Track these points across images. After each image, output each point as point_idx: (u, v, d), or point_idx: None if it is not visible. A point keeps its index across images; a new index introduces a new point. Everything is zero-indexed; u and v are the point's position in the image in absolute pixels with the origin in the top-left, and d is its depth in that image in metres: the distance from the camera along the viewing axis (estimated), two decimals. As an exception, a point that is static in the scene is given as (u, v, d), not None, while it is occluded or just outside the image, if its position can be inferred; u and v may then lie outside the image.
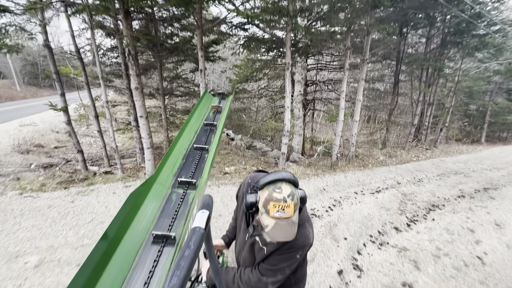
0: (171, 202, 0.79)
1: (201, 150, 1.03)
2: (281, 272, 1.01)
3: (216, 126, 1.20)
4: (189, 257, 0.42)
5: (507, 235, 3.85)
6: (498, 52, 8.62)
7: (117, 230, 0.65)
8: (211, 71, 14.44)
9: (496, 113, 13.01)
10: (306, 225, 1.05)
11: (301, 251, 1.02)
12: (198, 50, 4.69)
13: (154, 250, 0.65)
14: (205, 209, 0.54)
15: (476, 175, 6.86)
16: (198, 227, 0.49)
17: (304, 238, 1.01)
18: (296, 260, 1.02)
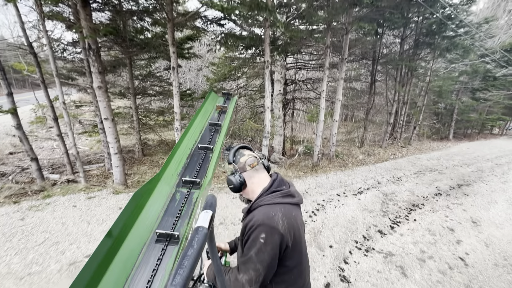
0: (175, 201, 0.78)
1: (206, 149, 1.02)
2: (251, 266, 0.94)
3: (221, 126, 1.18)
4: (192, 256, 0.43)
5: (483, 232, 3.92)
6: (465, 53, 9.07)
7: (121, 228, 0.63)
8: (187, 69, 13.86)
9: (462, 111, 13.80)
10: (274, 208, 1.00)
11: (263, 233, 0.93)
12: (170, 45, 4.29)
13: (157, 249, 0.64)
14: (208, 209, 0.55)
15: (449, 171, 7.12)
16: (202, 227, 0.49)
17: (265, 216, 0.96)
18: (261, 245, 0.93)
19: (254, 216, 0.99)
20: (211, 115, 1.26)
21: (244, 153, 1.13)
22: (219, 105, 1.32)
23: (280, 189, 1.09)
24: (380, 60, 9.34)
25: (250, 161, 1.10)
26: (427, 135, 13.50)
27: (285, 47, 6.14)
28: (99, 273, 0.54)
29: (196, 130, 1.12)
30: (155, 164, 6.94)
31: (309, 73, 12.70)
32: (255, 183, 1.10)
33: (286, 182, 1.16)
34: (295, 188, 1.16)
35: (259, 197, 1.06)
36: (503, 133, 17.50)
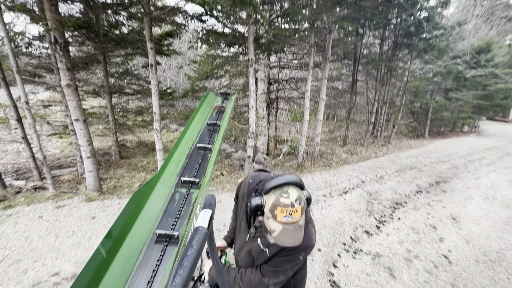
0: (174, 202, 0.77)
1: (204, 149, 1.01)
2: (283, 274, 1.00)
3: (220, 126, 1.17)
4: (192, 257, 0.43)
5: (463, 228, 4.04)
6: (440, 54, 9.47)
7: (120, 229, 0.62)
8: (168, 67, 13.36)
9: (436, 110, 14.48)
10: (309, 226, 1.04)
11: (304, 252, 1.01)
12: (147, 41, 4.01)
13: (157, 249, 0.62)
14: (207, 209, 0.55)
15: (427, 169, 7.38)
16: (201, 227, 0.49)
17: (308, 239, 1.00)
18: (299, 261, 1.02)
19: None
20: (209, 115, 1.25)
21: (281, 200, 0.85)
22: (217, 105, 1.32)
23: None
24: (361, 60, 9.51)
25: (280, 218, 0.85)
26: (405, 134, 14.03)
27: (269, 45, 6.03)
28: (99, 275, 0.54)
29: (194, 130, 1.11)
30: (133, 167, 6.56)
31: (292, 72, 12.72)
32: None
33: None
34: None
35: None
36: (472, 131, 18.62)
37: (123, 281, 0.55)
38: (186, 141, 1.03)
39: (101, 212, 3.71)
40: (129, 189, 4.92)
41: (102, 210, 3.79)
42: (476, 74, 13.77)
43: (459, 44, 12.71)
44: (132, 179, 5.74)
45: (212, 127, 1.15)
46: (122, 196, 4.40)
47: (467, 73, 13.45)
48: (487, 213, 4.68)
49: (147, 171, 6.25)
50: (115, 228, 0.62)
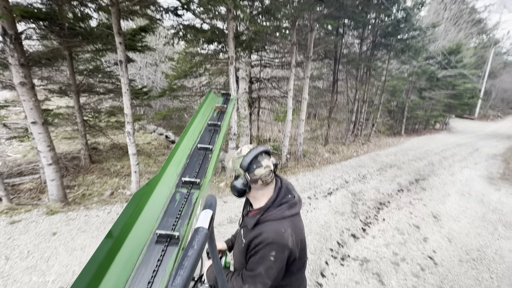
0: (175, 202, 0.75)
1: (205, 150, 1.00)
2: (259, 280, 0.96)
3: (220, 126, 1.17)
4: (192, 257, 0.44)
5: (444, 227, 4.08)
6: (416, 55, 9.77)
7: (121, 229, 0.62)
8: (144, 64, 12.69)
9: (411, 109, 15.07)
10: (284, 224, 1.00)
11: (274, 251, 0.95)
12: (115, 35, 3.62)
13: (158, 250, 0.61)
14: (208, 209, 0.55)
15: (406, 166, 7.55)
16: (202, 227, 0.50)
17: (276, 234, 0.97)
18: (270, 263, 0.95)
19: (262, 232, 0.98)
20: (210, 115, 1.25)
21: (262, 163, 1.02)
22: (218, 105, 1.31)
23: (286, 200, 1.06)
24: (341, 59, 9.57)
25: (265, 176, 1.02)
26: (383, 132, 14.45)
27: (250, 42, 5.80)
28: (99, 275, 0.53)
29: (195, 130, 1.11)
30: (105, 172, 6.07)
31: (273, 71, 12.60)
32: (260, 193, 1.07)
33: (290, 188, 1.13)
34: (295, 190, 1.15)
35: (266, 210, 1.03)
36: (443, 128, 19.65)
37: (124, 281, 0.55)
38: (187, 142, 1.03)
39: (64, 227, 3.30)
40: (99, 197, 4.49)
41: (66, 224, 3.37)
42: (446, 74, 14.49)
43: (431, 46, 13.27)
44: (104, 185, 5.28)
45: (213, 128, 1.14)
46: (91, 206, 3.98)
47: (439, 73, 14.10)
48: (465, 209, 4.81)
49: (121, 176, 5.80)
50: (116, 228, 0.61)
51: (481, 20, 24.26)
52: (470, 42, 22.84)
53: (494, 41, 27.03)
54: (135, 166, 4.41)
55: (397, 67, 12.93)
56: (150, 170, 6.40)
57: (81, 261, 2.70)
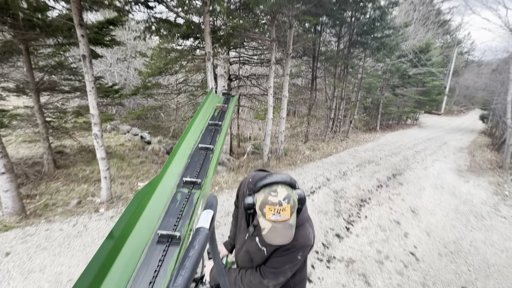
0: (176, 202, 0.74)
1: (206, 150, 0.99)
2: (283, 275, 1.02)
3: (221, 126, 1.15)
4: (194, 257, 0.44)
5: (422, 221, 4.20)
6: (390, 53, 10.10)
7: (122, 229, 0.62)
8: (114, 60, 11.91)
9: (386, 105, 15.70)
10: (307, 225, 1.05)
11: (301, 252, 1.01)
12: (76, 27, 3.24)
13: (159, 250, 0.61)
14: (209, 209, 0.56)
15: (384, 162, 7.78)
16: (203, 227, 0.50)
17: (305, 238, 1.01)
18: (298, 261, 1.02)
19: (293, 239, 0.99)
20: (211, 115, 1.24)
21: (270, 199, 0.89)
22: (219, 105, 1.30)
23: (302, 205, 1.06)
24: (319, 57, 9.64)
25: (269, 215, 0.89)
26: (360, 127, 14.90)
27: (228, 38, 5.57)
28: (101, 275, 0.53)
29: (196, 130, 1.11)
30: (72, 178, 5.56)
31: (253, 68, 12.43)
32: None
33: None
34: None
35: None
36: (414, 123, 20.74)
37: (125, 282, 0.54)
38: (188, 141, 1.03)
39: (20, 245, 2.90)
40: (64, 207, 4.06)
41: (22, 241, 2.97)
42: (417, 72, 15.23)
43: (403, 45, 13.83)
44: (71, 193, 4.82)
45: (214, 127, 1.13)
46: (54, 219, 3.57)
47: (410, 71, 14.78)
48: (439, 202, 5.00)
49: (90, 182, 5.34)
50: (117, 228, 0.61)
51: (446, 22, 25.86)
52: (437, 42, 24.25)
53: (457, 41, 29.00)
54: (105, 171, 4.03)
55: (372, 65, 13.34)
56: (124, 174, 5.98)
57: (40, 285, 2.37)
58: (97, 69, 12.22)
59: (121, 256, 0.58)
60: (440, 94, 20.89)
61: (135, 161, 7.08)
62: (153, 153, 8.21)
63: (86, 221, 3.50)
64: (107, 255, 0.56)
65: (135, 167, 6.57)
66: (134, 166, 6.62)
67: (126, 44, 12.08)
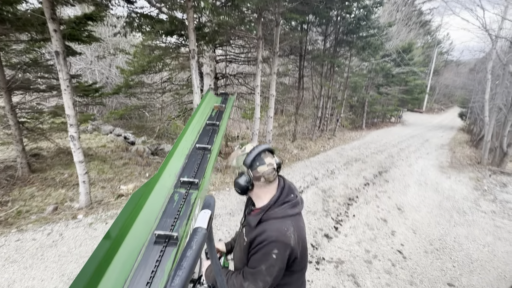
0: (173, 202, 0.75)
1: (204, 150, 0.99)
2: (260, 277, 0.97)
3: (219, 126, 1.15)
4: (191, 257, 0.44)
5: (408, 218, 4.26)
6: (375, 52, 10.27)
7: (119, 229, 0.62)
8: (95, 57, 11.42)
9: (371, 104, 16.02)
10: (286, 222, 1.02)
11: (276, 249, 0.96)
12: (48, 21, 3.00)
13: (156, 250, 0.61)
14: (207, 210, 0.56)
15: (370, 160, 7.89)
16: (200, 228, 0.50)
17: (279, 232, 0.98)
18: (273, 261, 0.96)
19: (265, 231, 0.99)
20: (208, 115, 1.24)
21: (265, 160, 1.04)
22: (216, 105, 1.30)
23: (289, 199, 1.08)
24: (306, 56, 9.64)
25: (268, 174, 1.03)
26: (346, 126, 15.11)
27: (213, 35, 5.43)
28: (98, 275, 0.52)
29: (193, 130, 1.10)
30: (49, 182, 5.24)
31: (239, 67, 12.29)
32: (263, 192, 1.08)
33: (293, 187, 1.14)
34: (297, 191, 1.15)
35: (269, 208, 1.05)
36: (397, 121, 21.33)
37: (122, 282, 0.54)
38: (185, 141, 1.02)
39: (-14, 258, 2.66)
40: (38, 214, 3.80)
41: (-11, 254, 2.73)
42: (400, 71, 15.63)
43: (387, 44, 14.13)
44: (47, 198, 4.53)
45: (211, 127, 1.13)
46: (26, 227, 3.32)
47: (393, 70, 15.14)
48: (423, 199, 5.11)
49: (69, 187, 5.05)
50: (114, 228, 0.61)
51: (426, 22, 26.72)
52: (418, 42, 25.01)
53: (437, 42, 30.08)
54: (84, 175, 3.81)
55: (358, 64, 13.54)
56: (105, 177, 5.71)
57: (8, 303, 2.17)
58: (76, 67, 11.67)
59: (118, 257, 0.57)
60: (422, 93, 21.57)
61: (117, 163, 6.79)
62: (137, 154, 7.93)
63: (62, 229, 3.28)
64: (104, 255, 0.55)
65: (117, 169, 6.30)
66: (117, 169, 6.34)
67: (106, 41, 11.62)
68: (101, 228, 3.34)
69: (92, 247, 2.94)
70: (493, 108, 8.18)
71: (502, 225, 4.21)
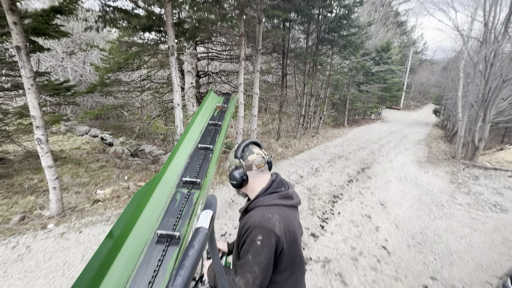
0: (175, 202, 0.75)
1: (206, 150, 1.00)
2: (248, 268, 0.95)
3: (221, 126, 1.16)
4: (193, 257, 0.44)
5: (391, 213, 4.35)
6: (356, 50, 10.47)
7: (122, 229, 0.62)
8: (65, 54, 10.73)
9: (352, 101, 16.41)
10: (271, 210, 1.03)
11: (260, 235, 0.96)
12: (6, 12, 2.70)
13: (158, 249, 0.61)
14: (209, 209, 0.56)
15: (352, 156, 8.04)
16: (202, 227, 0.51)
17: (262, 217, 0.99)
18: (258, 247, 0.95)
19: (250, 217, 1.01)
20: (211, 115, 1.25)
21: (254, 150, 1.12)
22: (219, 105, 1.30)
23: (278, 190, 1.10)
24: (289, 54, 9.64)
25: (258, 161, 1.10)
26: (328, 123, 15.37)
27: (194, 32, 5.23)
28: (101, 274, 0.53)
29: (196, 130, 1.10)
30: (16, 189, 4.83)
31: (222, 65, 12.08)
32: (256, 182, 1.11)
33: (286, 183, 1.17)
34: (293, 189, 1.18)
35: (257, 197, 1.08)
36: (377, 118, 22.05)
37: (124, 281, 0.54)
38: (188, 141, 1.02)
39: None
40: (3, 226, 3.46)
41: None
42: (379, 69, 16.11)
43: (367, 43, 14.49)
44: (13, 207, 4.16)
45: (213, 127, 1.14)
46: (-13, 240, 3.00)
47: (373, 68, 15.58)
48: (404, 194, 5.26)
49: (39, 193, 4.68)
50: (117, 228, 0.61)
51: (402, 23, 27.78)
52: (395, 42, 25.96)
53: (413, 42, 31.40)
54: (54, 181, 3.52)
55: (339, 62, 13.77)
56: (80, 181, 5.35)
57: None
58: (47, 64, 10.92)
59: (121, 256, 0.57)
60: (399, 90, 22.43)
61: (94, 165, 6.41)
62: (115, 156, 7.55)
63: (30, 241, 3.00)
64: (107, 254, 0.55)
65: (93, 172, 5.94)
66: (93, 172, 5.98)
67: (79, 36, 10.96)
68: (74, 238, 3.09)
69: (64, 259, 2.71)
70: (466, 105, 8.62)
71: (477, 216, 4.42)
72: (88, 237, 3.12)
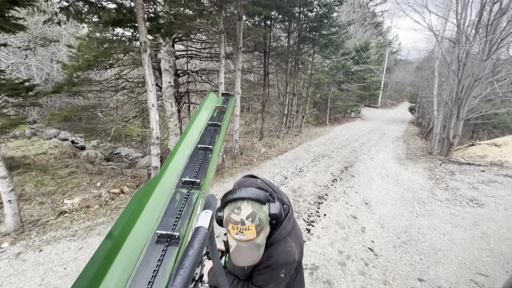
0: (175, 202, 0.75)
1: (205, 150, 0.99)
2: None
3: (220, 126, 1.14)
4: (193, 257, 0.45)
5: (375, 212, 4.33)
6: (336, 50, 10.56)
7: (121, 229, 0.62)
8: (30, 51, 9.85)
9: (333, 100, 16.65)
10: (288, 240, 0.99)
11: (284, 269, 0.97)
12: None
13: (158, 249, 0.61)
14: (208, 209, 0.57)
15: (335, 155, 8.07)
16: (202, 227, 0.51)
17: (285, 254, 0.97)
18: (281, 279, 0.98)
19: (271, 256, 0.97)
20: (210, 115, 1.23)
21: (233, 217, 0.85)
22: (218, 105, 1.28)
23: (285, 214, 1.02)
24: (270, 52, 9.51)
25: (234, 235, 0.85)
26: (311, 122, 15.48)
27: (170, 28, 4.91)
28: (100, 274, 0.52)
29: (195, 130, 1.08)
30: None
31: (202, 63, 11.72)
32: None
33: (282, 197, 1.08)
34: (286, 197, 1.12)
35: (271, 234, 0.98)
36: (357, 116, 22.61)
37: (124, 281, 0.54)
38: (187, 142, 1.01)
39: None
40: None
41: None
42: (358, 69, 16.46)
43: (346, 43, 14.73)
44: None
45: (213, 128, 1.13)
46: None
47: (352, 67, 15.89)
48: (387, 192, 5.30)
49: None
50: (116, 228, 0.61)
51: (379, 24, 28.72)
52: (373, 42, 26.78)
53: (388, 42, 32.58)
54: (9, 193, 3.10)
55: (321, 62, 13.88)
56: (45, 190, 4.86)
57: None
58: (8, 62, 9.98)
59: (120, 256, 0.57)
60: (377, 89, 23.17)
61: (62, 172, 5.88)
62: (87, 161, 7.02)
63: (-22, 264, 2.60)
64: (106, 254, 0.55)
65: (61, 180, 5.44)
66: (61, 179, 5.48)
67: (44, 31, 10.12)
68: (33, 258, 2.72)
69: (18, 285, 2.35)
70: (441, 103, 8.96)
71: (456, 212, 4.52)
72: (50, 257, 2.76)
